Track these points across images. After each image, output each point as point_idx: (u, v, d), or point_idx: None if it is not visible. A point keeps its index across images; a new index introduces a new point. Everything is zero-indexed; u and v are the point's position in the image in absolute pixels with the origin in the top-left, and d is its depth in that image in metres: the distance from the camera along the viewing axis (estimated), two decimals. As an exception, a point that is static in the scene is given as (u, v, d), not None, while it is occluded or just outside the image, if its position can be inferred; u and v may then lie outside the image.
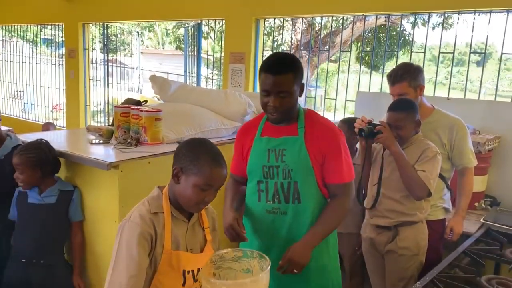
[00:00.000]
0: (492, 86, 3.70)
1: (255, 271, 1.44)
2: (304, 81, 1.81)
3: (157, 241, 1.42)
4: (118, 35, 7.28)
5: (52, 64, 7.51)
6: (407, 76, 2.35)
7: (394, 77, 2.39)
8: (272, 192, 1.83)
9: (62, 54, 7.22)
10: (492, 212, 2.95)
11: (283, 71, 1.70)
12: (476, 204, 2.99)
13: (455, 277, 1.98)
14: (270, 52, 5.50)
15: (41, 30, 8.05)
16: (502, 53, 3.42)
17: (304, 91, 1.84)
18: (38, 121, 7.70)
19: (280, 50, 5.43)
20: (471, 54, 3.69)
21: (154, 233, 1.41)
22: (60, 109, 7.85)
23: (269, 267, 1.37)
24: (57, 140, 2.66)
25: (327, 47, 6.00)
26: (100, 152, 2.33)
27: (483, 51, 3.76)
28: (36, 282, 2.17)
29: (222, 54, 5.05)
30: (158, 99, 5.42)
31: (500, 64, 3.56)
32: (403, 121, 2.20)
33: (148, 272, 1.42)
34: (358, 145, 2.73)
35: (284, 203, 1.82)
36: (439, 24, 5.91)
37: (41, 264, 2.18)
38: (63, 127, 6.99)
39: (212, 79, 6.40)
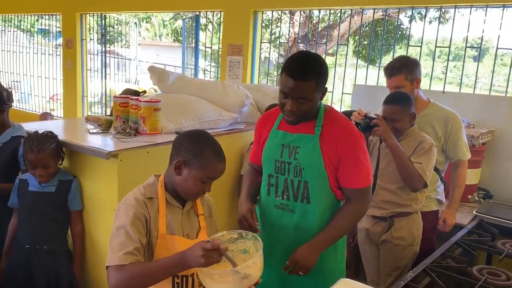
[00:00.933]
0: (489, 81, 3.72)
1: (251, 251, 1.50)
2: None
3: (151, 224, 1.46)
4: (116, 26, 7.26)
5: (49, 55, 7.49)
6: (404, 69, 2.38)
7: (391, 70, 2.41)
8: (282, 188, 1.79)
9: (59, 45, 7.19)
10: (485, 204, 3.00)
11: (305, 77, 1.59)
12: (469, 196, 3.03)
13: (447, 267, 2.03)
14: (267, 45, 5.52)
15: (37, 20, 8.00)
16: (497, 48, 3.45)
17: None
18: (35, 111, 7.68)
19: (277, 42, 5.42)
20: (468, 49, 3.71)
21: (148, 215, 1.45)
22: (57, 99, 7.83)
23: (261, 249, 1.40)
24: (56, 129, 2.65)
25: (325, 40, 6.01)
26: (99, 141, 2.35)
27: (480, 46, 3.79)
28: (39, 268, 2.19)
29: (220, 46, 5.06)
30: (155, 91, 5.43)
31: (495, 59, 3.59)
32: (399, 114, 2.22)
33: (147, 257, 1.45)
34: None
35: (292, 200, 1.77)
36: (436, 19, 5.94)
37: (44, 250, 2.21)
38: (60, 117, 6.99)
39: (210, 71, 6.41)
